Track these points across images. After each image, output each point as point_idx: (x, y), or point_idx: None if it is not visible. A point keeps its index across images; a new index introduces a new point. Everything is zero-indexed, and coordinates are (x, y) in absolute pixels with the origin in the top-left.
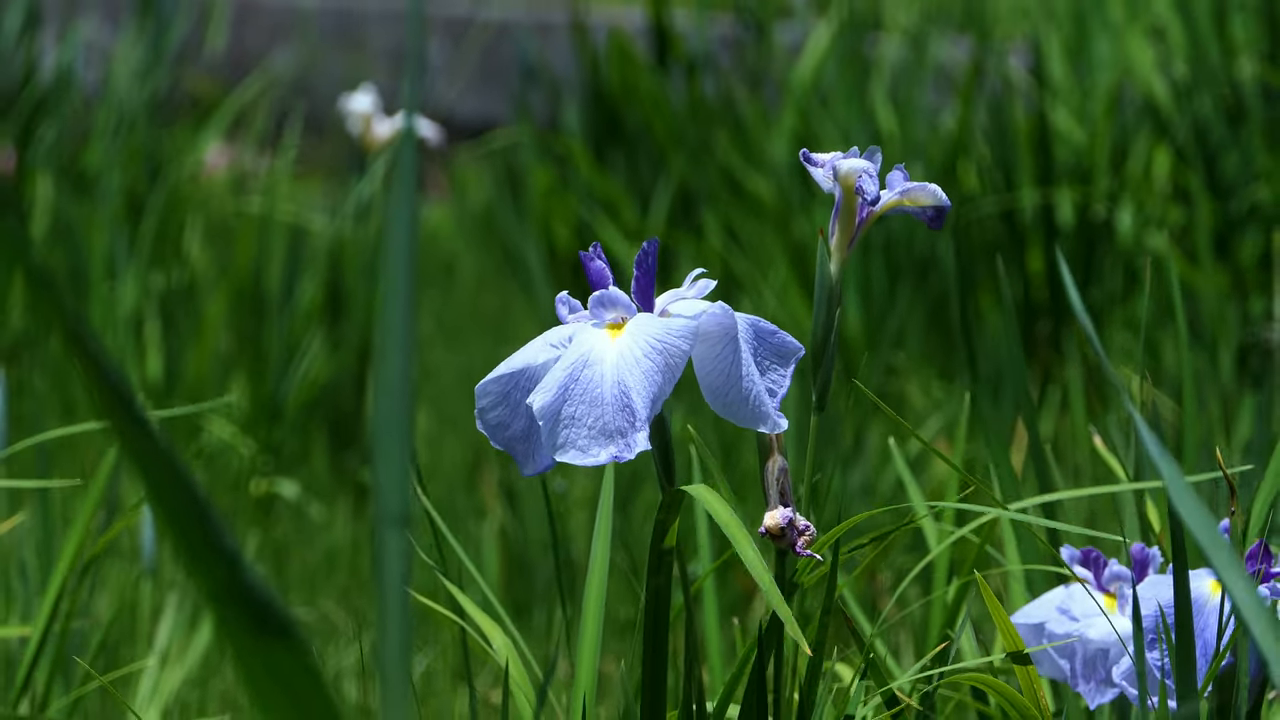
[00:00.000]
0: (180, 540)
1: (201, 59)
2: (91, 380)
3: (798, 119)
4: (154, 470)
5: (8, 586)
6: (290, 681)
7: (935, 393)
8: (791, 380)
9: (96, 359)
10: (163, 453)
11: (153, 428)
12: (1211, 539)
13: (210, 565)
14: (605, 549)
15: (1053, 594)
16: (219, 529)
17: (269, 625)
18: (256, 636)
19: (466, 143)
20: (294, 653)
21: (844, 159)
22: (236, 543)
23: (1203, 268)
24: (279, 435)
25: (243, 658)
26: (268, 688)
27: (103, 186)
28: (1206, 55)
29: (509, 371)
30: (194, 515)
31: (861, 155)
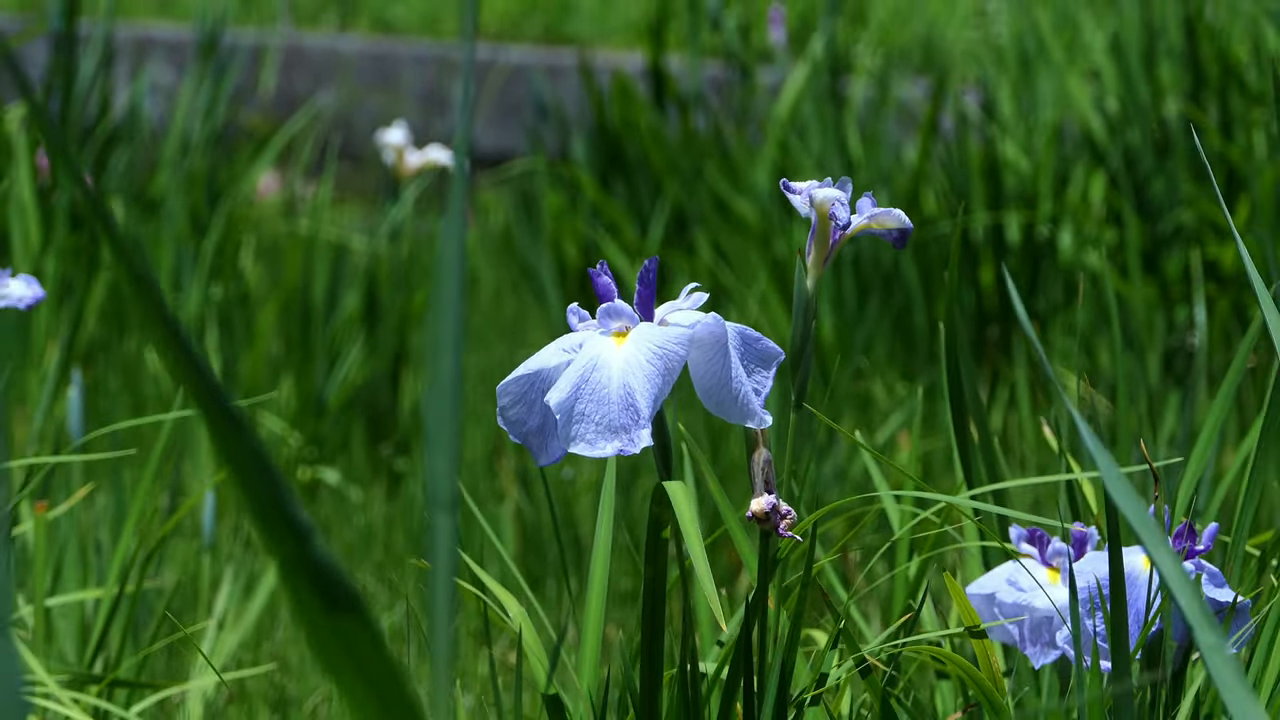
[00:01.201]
0: (258, 516)
1: (255, 98)
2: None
3: (778, 151)
4: (237, 453)
5: (85, 558)
6: (353, 643)
7: (898, 392)
8: (773, 381)
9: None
10: (246, 437)
11: (237, 414)
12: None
13: (285, 539)
14: (608, 529)
15: (1002, 568)
16: (293, 507)
17: (335, 594)
18: (324, 604)
19: (487, 172)
20: (357, 618)
21: (819, 188)
22: (308, 520)
23: (1133, 281)
24: (322, 428)
25: (311, 623)
26: (333, 649)
27: (168, 209)
28: (1137, 94)
29: (526, 373)
30: (271, 494)
31: (834, 184)
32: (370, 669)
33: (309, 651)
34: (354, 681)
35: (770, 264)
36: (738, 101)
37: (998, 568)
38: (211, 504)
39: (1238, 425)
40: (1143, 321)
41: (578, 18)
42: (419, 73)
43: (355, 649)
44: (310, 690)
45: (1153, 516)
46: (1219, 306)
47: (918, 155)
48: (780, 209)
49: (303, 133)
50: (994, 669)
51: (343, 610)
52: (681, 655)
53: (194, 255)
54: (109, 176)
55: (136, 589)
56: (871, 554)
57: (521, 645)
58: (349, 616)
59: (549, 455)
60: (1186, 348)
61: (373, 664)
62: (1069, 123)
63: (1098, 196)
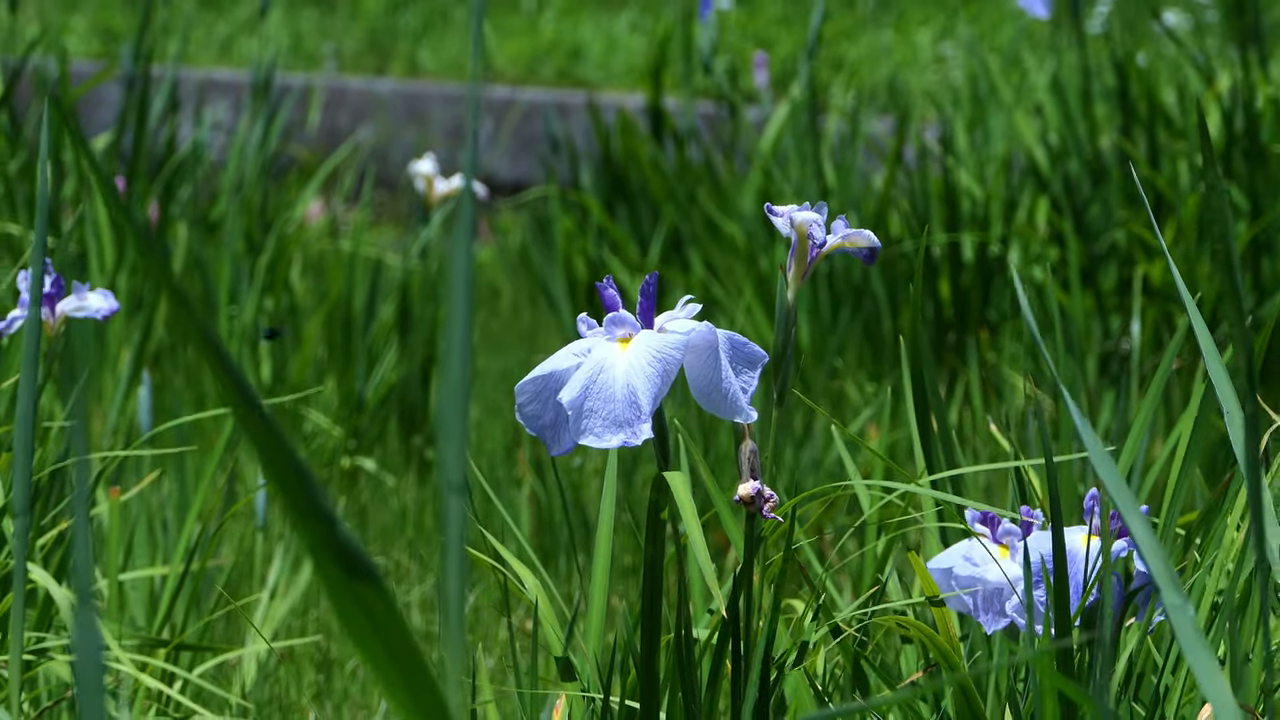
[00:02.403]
0: (288, 503)
1: (302, 134)
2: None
3: (761, 179)
4: (269, 449)
5: (153, 538)
6: (372, 613)
7: (867, 390)
8: (758, 381)
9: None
10: (275, 435)
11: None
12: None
13: (312, 523)
14: (611, 511)
15: (959, 546)
16: (319, 494)
17: (356, 570)
18: (347, 578)
19: (506, 198)
20: (375, 591)
21: (799, 211)
22: (332, 505)
23: (1073, 294)
24: (362, 423)
25: (336, 595)
26: (355, 618)
27: (226, 232)
28: (1076, 130)
29: (541, 374)
30: (299, 483)
31: (812, 208)
32: (386, 632)
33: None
34: (372, 643)
35: (755, 279)
36: (727, 136)
37: (955, 545)
38: (263, 490)
39: (1165, 421)
40: (1081, 329)
41: (586, 63)
42: (446, 110)
43: (373, 616)
44: (351, 654)
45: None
46: (1149, 315)
47: (884, 183)
48: (763, 230)
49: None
50: (951, 634)
51: (362, 582)
52: (677, 622)
53: (249, 272)
54: (174, 204)
55: (200, 566)
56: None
57: (537, 614)
58: (367, 587)
59: (561, 446)
60: (1120, 352)
61: (388, 628)
62: (1016, 154)
63: (1042, 219)
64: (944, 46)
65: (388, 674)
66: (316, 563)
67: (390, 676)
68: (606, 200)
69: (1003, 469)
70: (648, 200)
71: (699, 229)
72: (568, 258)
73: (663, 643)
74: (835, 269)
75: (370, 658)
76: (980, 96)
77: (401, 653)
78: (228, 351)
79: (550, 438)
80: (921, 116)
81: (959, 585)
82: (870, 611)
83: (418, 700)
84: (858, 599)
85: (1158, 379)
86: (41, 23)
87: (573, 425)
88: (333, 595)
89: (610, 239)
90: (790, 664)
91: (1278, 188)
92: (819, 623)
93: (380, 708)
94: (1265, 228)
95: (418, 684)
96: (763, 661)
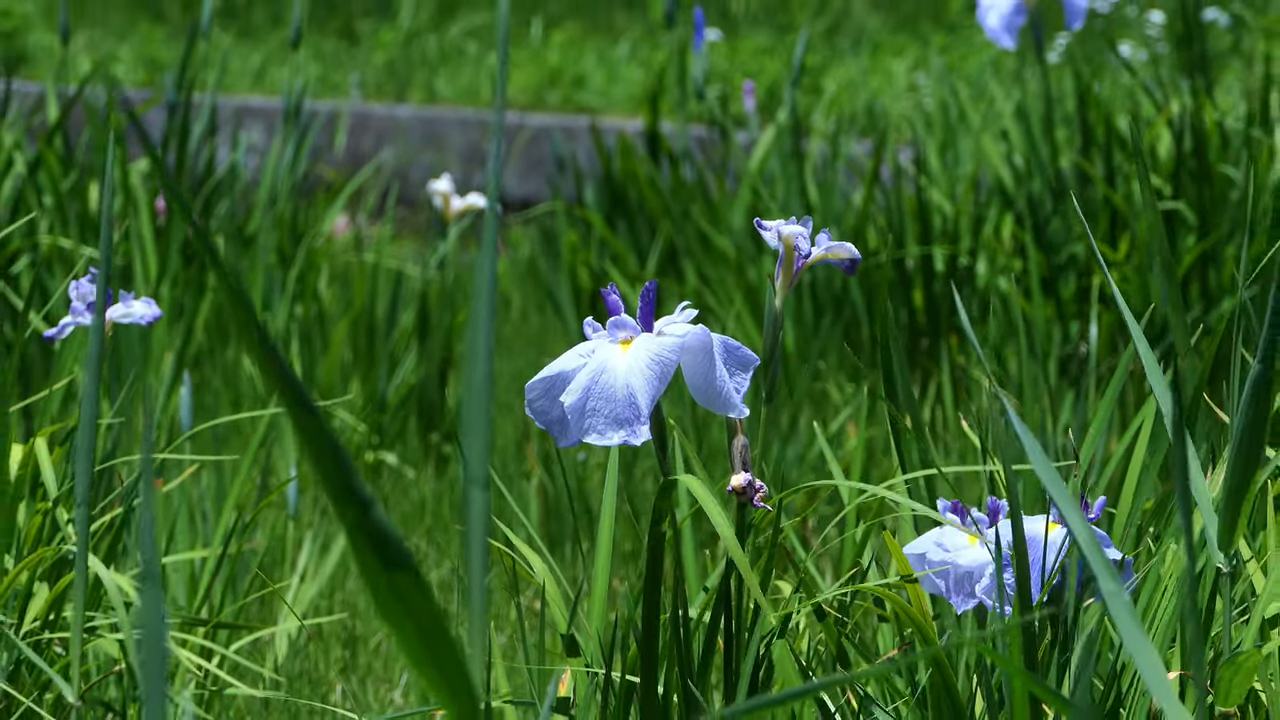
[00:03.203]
0: (330, 490)
1: (330, 156)
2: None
3: (750, 196)
4: (314, 440)
5: (193, 525)
6: (404, 593)
7: (847, 390)
8: (749, 381)
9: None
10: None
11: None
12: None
13: (351, 509)
14: (613, 501)
15: (931, 533)
16: (358, 482)
17: (390, 552)
18: (381, 561)
19: (516, 214)
20: (408, 572)
21: (785, 226)
22: (370, 492)
23: (1035, 302)
24: (384, 421)
25: (370, 575)
26: (389, 597)
27: (260, 245)
28: (1038, 152)
29: (549, 374)
30: (340, 472)
31: (797, 223)
32: (418, 613)
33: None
34: (405, 623)
35: (745, 288)
36: (718, 157)
37: (927, 533)
38: (295, 481)
39: (1120, 418)
40: (1043, 335)
41: (589, 90)
42: (461, 134)
43: (406, 597)
44: (374, 631)
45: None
46: (1105, 321)
47: (863, 200)
48: (752, 243)
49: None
50: (925, 612)
51: (396, 566)
52: (674, 603)
53: (281, 282)
54: (213, 219)
55: (236, 551)
56: (826, 522)
57: (544, 595)
58: (402, 571)
59: (567, 440)
60: (1079, 355)
61: (420, 609)
62: (984, 174)
63: (1007, 233)
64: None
65: (416, 649)
66: (354, 546)
67: (419, 651)
68: (608, 216)
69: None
70: (646, 216)
71: (693, 242)
72: (573, 268)
73: (661, 621)
74: (818, 279)
75: (401, 634)
76: (951, 121)
77: (430, 630)
78: (279, 352)
79: (558, 431)
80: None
81: (932, 569)
82: (850, 592)
83: (444, 674)
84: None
85: (1114, 382)
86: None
87: (575, 423)
88: (367, 576)
89: (611, 251)
90: (776, 640)
91: (1223, 205)
92: (803, 602)
93: (400, 681)
94: (1213, 242)
95: (444, 659)
96: (752, 638)
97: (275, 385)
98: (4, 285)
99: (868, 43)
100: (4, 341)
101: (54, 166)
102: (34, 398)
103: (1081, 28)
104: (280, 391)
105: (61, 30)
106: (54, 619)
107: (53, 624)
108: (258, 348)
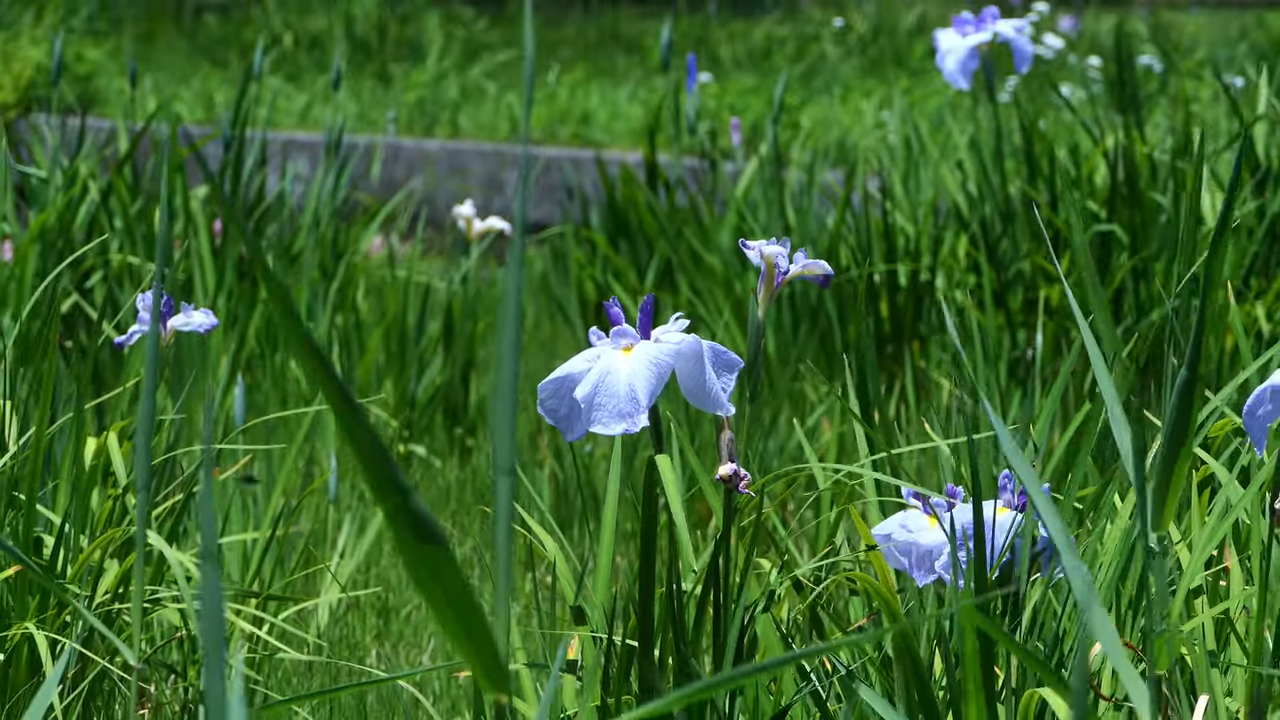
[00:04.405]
0: (371, 478)
1: (366, 183)
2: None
3: (736, 219)
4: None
5: (245, 509)
6: (437, 568)
7: (822, 390)
8: (735, 382)
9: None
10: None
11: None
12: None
13: (390, 494)
14: (616, 487)
15: (896, 516)
16: (396, 470)
17: (426, 533)
18: (417, 540)
19: (530, 235)
20: (441, 550)
21: (767, 245)
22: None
23: (987, 312)
24: (413, 416)
25: (407, 552)
26: (424, 572)
27: (304, 262)
28: (990, 180)
29: (560, 376)
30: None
31: (777, 243)
32: (449, 584)
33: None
34: (438, 595)
35: (731, 300)
36: (708, 185)
37: (893, 515)
38: (335, 470)
39: (1062, 415)
40: (994, 341)
41: (595, 126)
42: (482, 164)
43: (439, 572)
44: (405, 603)
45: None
46: (1048, 330)
47: (835, 223)
48: (738, 260)
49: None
50: (890, 586)
51: (430, 544)
52: (668, 577)
53: (323, 295)
54: (263, 240)
55: (284, 532)
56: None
57: (555, 570)
58: (435, 549)
59: (575, 433)
60: (1025, 359)
61: (452, 583)
62: (942, 200)
63: (962, 252)
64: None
65: (447, 616)
66: (393, 526)
67: (449, 618)
68: (611, 237)
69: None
70: (644, 237)
71: (686, 260)
72: (580, 283)
73: (657, 594)
74: (795, 292)
75: (434, 603)
76: (913, 154)
77: (459, 600)
78: (327, 356)
79: (566, 426)
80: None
81: (897, 547)
82: (824, 567)
83: (471, 638)
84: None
85: (1058, 383)
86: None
87: (584, 416)
88: (404, 553)
89: (614, 268)
90: (760, 610)
91: (1153, 226)
92: (783, 577)
93: (428, 645)
94: (1143, 259)
95: (471, 625)
96: (738, 609)
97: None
98: (80, 298)
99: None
100: (80, 348)
101: (123, 193)
102: (105, 397)
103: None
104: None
105: (130, 74)
106: (122, 592)
107: (121, 596)
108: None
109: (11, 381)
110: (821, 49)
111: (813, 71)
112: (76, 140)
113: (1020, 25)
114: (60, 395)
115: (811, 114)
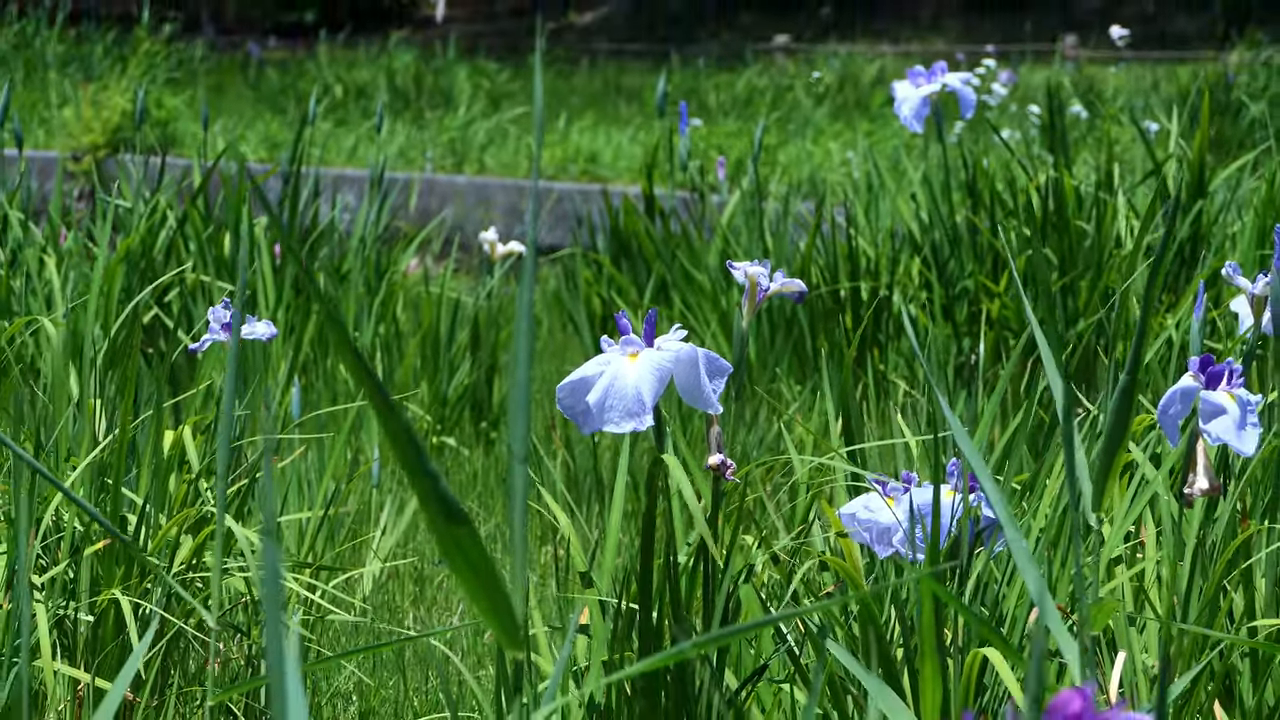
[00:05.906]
0: (406, 466)
1: (405, 213)
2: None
3: (722, 243)
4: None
5: (301, 491)
6: (465, 548)
7: (795, 391)
8: (724, 385)
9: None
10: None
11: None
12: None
13: (422, 480)
14: (623, 473)
15: (860, 498)
16: (428, 460)
17: (454, 516)
18: (448, 522)
19: (545, 257)
20: (466, 528)
21: (750, 266)
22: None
23: (936, 323)
24: (445, 412)
25: (437, 529)
26: (451, 546)
27: (351, 280)
28: (939, 209)
29: (575, 379)
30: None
31: (759, 264)
32: (473, 557)
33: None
34: (463, 566)
35: (718, 313)
36: (697, 214)
37: (857, 497)
38: (377, 459)
39: (1001, 413)
40: (942, 349)
41: (600, 164)
42: (505, 196)
43: (464, 547)
44: (438, 573)
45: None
46: (989, 339)
47: (807, 247)
48: (724, 279)
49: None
50: (855, 559)
51: (457, 523)
52: (665, 551)
53: (368, 308)
54: (316, 261)
55: (334, 512)
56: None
57: (568, 544)
58: (461, 527)
59: (589, 428)
60: (970, 364)
61: (475, 556)
62: (899, 227)
63: (916, 271)
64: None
65: (472, 585)
66: (424, 507)
67: (473, 587)
68: (614, 258)
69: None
70: (643, 258)
71: (679, 278)
72: (588, 298)
73: (655, 565)
74: (774, 306)
75: (460, 574)
76: (873, 187)
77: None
78: (366, 362)
79: (582, 422)
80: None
81: (860, 525)
82: (799, 544)
83: (493, 604)
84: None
85: (1000, 385)
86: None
87: (596, 414)
88: (434, 530)
89: (617, 285)
90: (743, 580)
91: (1079, 249)
92: (762, 550)
93: (458, 609)
94: (1071, 278)
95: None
96: (724, 579)
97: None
98: (159, 311)
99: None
100: (159, 354)
101: (197, 221)
102: (181, 396)
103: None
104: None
105: (202, 120)
106: (195, 563)
107: (195, 566)
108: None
109: (101, 383)
110: (795, 97)
111: (788, 117)
112: (157, 176)
113: (966, 77)
114: (142, 395)
115: (787, 153)
